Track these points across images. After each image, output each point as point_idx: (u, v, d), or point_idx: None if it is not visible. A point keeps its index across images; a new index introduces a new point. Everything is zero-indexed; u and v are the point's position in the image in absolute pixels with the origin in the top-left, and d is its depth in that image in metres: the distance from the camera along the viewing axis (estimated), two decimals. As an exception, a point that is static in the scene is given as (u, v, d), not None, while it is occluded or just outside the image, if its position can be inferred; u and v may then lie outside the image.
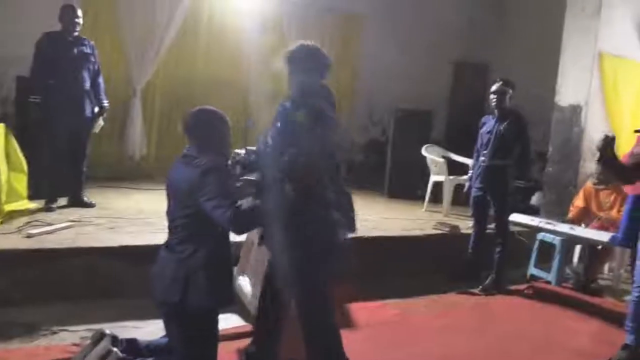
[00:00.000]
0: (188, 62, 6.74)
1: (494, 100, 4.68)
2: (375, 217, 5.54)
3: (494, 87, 4.72)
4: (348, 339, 2.97)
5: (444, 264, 4.86)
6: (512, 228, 5.46)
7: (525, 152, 4.73)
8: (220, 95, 6.63)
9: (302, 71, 2.62)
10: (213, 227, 2.37)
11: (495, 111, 4.72)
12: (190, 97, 6.74)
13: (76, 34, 4.66)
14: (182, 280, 2.35)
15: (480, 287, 4.58)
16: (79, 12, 4.67)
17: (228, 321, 3.29)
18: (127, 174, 6.29)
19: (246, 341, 2.97)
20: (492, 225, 4.78)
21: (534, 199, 6.81)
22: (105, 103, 4.90)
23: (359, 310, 3.71)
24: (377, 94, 7.93)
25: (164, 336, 2.64)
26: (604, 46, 5.87)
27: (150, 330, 3.11)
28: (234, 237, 2.54)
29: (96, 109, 4.83)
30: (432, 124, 7.81)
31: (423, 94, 7.80)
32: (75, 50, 4.64)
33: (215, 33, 6.82)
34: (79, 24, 4.65)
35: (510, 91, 4.73)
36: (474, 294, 4.51)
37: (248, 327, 3.24)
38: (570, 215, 5.22)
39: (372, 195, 6.95)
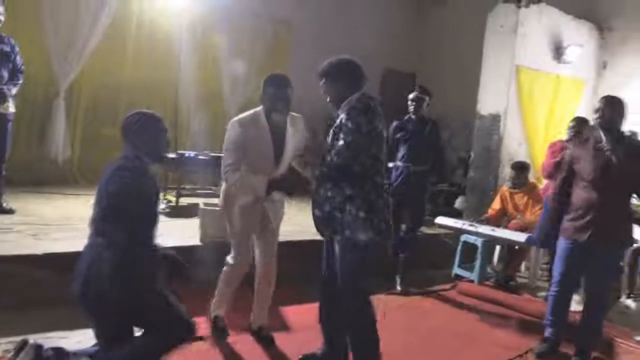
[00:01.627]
0: (115, 63, 6.52)
1: (412, 107, 4.81)
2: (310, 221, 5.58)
3: (411, 95, 4.85)
4: (284, 341, 3.02)
5: (377, 266, 4.98)
6: (438, 230, 5.74)
7: (440, 158, 4.95)
8: (148, 98, 6.48)
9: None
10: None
11: (413, 117, 4.84)
12: (117, 99, 6.54)
13: None
14: (86, 269, 2.33)
15: (399, 289, 4.72)
16: (1, 9, 4.43)
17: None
18: (50, 178, 5.99)
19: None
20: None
21: (458, 203, 7.15)
22: (10, 91, 4.55)
23: (295, 312, 3.76)
24: (307, 101, 8.02)
25: (94, 345, 2.56)
26: (521, 60, 6.30)
27: (78, 340, 3.00)
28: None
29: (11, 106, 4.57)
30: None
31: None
32: None
33: (143, 34, 6.65)
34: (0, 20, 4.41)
35: (427, 98, 4.86)
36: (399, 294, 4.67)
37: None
38: (487, 216, 5.52)
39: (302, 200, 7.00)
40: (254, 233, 3.22)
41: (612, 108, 3.32)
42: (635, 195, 3.52)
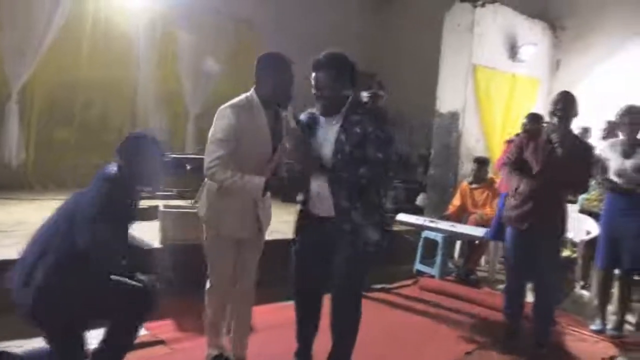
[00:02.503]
0: (71, 63, 6.38)
1: (369, 104, 4.76)
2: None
3: (367, 92, 4.83)
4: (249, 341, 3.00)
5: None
6: (399, 227, 5.81)
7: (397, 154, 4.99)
8: (106, 97, 6.36)
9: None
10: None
11: None
12: (73, 100, 6.39)
13: None
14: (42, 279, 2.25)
15: None
16: None
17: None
18: (3, 183, 5.81)
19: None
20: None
21: (419, 200, 7.26)
22: None
23: (259, 313, 3.74)
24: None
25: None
26: (477, 59, 6.43)
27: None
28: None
29: None
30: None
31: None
32: None
33: (99, 33, 6.51)
34: None
35: (384, 94, 4.90)
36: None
37: (148, 337, 3.17)
38: (448, 212, 5.64)
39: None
40: (240, 244, 2.76)
41: (568, 104, 3.45)
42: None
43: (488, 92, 6.53)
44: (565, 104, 3.46)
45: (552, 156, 3.44)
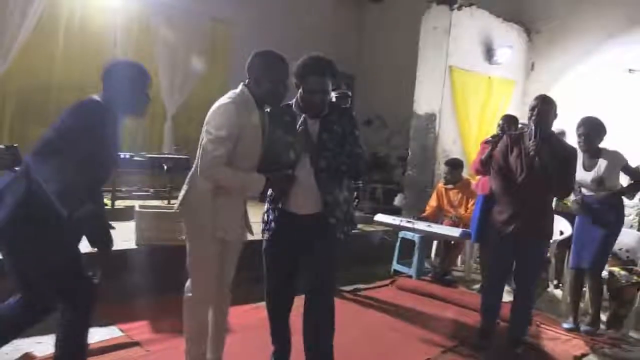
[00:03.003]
0: (44, 63, 6.25)
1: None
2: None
3: (334, 93, 4.63)
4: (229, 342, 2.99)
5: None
6: (377, 227, 5.85)
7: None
8: (81, 97, 6.23)
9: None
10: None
11: None
12: (46, 101, 6.27)
13: None
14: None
15: None
16: None
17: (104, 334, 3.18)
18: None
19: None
20: None
21: (397, 200, 7.31)
22: None
23: (235, 313, 3.73)
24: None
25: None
26: (454, 60, 6.50)
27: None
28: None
29: None
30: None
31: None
32: None
33: (75, 32, 6.40)
34: None
35: (350, 93, 4.88)
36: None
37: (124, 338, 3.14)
38: (425, 214, 5.68)
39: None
40: (224, 245, 2.61)
41: (547, 107, 3.47)
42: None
43: (464, 93, 6.61)
44: (544, 107, 3.48)
45: (533, 162, 3.42)
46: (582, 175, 4.04)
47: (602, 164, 4.00)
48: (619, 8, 6.51)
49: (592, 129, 3.97)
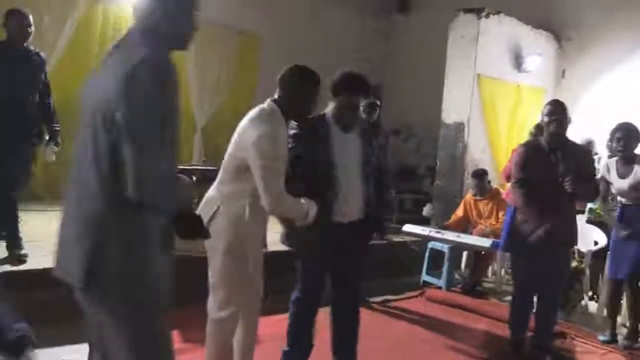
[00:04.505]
0: (79, 78, 6.38)
1: (365, 114, 4.64)
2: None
3: (363, 102, 4.70)
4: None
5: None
6: (405, 238, 5.80)
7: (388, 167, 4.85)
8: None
9: None
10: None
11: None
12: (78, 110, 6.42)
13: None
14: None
15: None
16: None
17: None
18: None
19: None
20: None
21: (425, 210, 7.22)
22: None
23: (263, 324, 3.74)
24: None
25: None
26: (482, 69, 6.45)
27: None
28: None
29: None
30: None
31: (318, 112, 8.00)
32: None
33: (109, 46, 6.56)
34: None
35: (379, 103, 4.78)
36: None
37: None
38: (449, 222, 5.62)
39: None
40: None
41: (564, 113, 3.42)
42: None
43: (493, 102, 6.54)
44: (561, 114, 3.43)
45: (556, 171, 3.40)
46: (618, 183, 3.94)
47: (638, 170, 3.89)
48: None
49: (629, 134, 3.87)
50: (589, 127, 6.01)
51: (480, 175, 5.50)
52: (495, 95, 6.56)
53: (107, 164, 1.56)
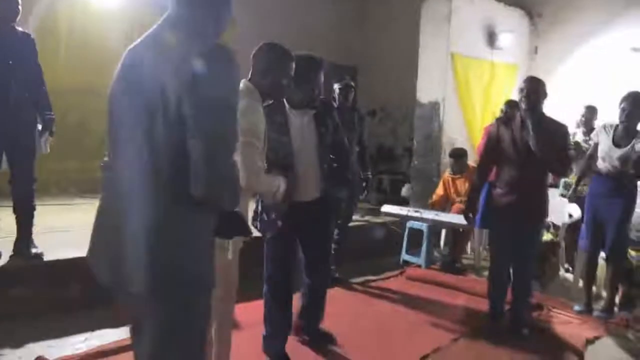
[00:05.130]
0: (47, 68, 6.25)
1: (340, 95, 4.62)
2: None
3: (338, 84, 4.65)
4: (234, 340, 3.01)
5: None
6: (385, 219, 5.84)
7: (364, 148, 4.86)
8: (84, 104, 6.27)
9: None
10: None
11: (340, 107, 4.52)
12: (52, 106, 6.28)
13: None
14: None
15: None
16: None
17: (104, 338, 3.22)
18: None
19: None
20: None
21: (404, 191, 7.27)
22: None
23: (244, 311, 3.75)
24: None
25: None
26: (456, 48, 6.45)
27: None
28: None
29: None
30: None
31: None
32: None
33: (77, 38, 6.42)
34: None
35: (353, 84, 4.80)
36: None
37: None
38: (432, 201, 5.68)
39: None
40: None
41: (536, 87, 3.45)
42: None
43: (467, 80, 6.56)
44: (533, 88, 3.44)
45: (529, 145, 3.43)
46: (610, 150, 3.95)
47: (637, 143, 3.84)
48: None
49: (636, 105, 3.83)
50: (564, 100, 6.05)
51: (460, 155, 5.54)
52: (470, 73, 6.57)
53: (167, 163, 1.42)
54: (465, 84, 6.55)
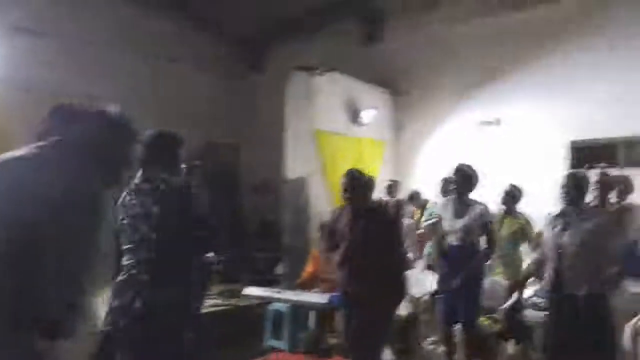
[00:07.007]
0: None
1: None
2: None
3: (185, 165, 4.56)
4: None
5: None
6: (249, 302, 5.57)
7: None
8: None
9: None
10: None
11: None
12: None
13: None
14: None
15: None
16: None
17: None
18: None
19: None
20: None
21: (279, 269, 7.07)
22: None
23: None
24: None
25: None
26: (320, 125, 6.57)
27: None
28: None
29: None
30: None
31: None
32: None
33: None
34: None
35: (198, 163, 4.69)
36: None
37: None
38: (301, 280, 5.51)
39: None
40: None
41: (357, 183, 3.67)
42: None
43: (334, 156, 6.65)
44: (348, 185, 3.67)
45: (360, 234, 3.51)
46: (452, 223, 4.08)
47: (472, 212, 4.04)
48: (475, 59, 6.89)
49: (463, 177, 4.09)
50: (427, 178, 6.25)
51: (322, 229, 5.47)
52: (336, 149, 6.69)
53: None
54: (332, 160, 6.63)
